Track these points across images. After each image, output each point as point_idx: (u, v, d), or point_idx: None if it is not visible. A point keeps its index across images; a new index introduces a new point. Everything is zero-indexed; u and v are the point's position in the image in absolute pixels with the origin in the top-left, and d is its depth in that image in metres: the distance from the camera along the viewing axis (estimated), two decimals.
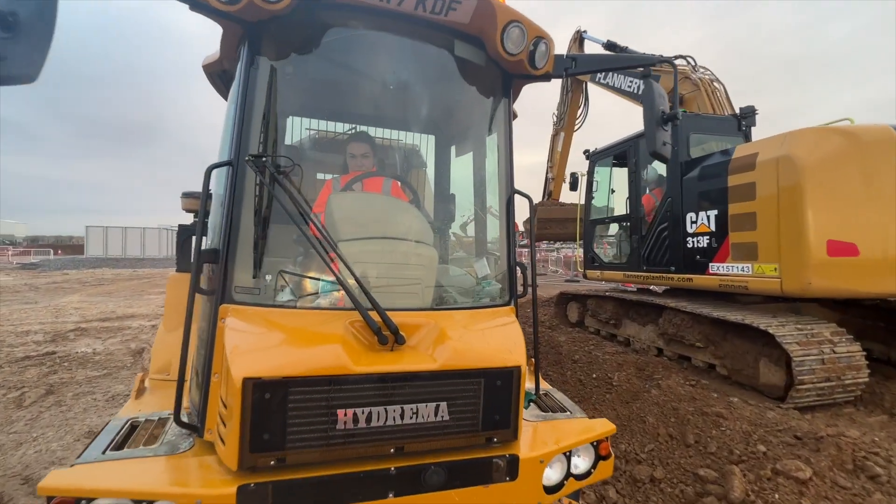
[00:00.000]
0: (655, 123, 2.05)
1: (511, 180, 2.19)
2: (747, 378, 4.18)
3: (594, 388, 4.50)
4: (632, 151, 6.05)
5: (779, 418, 3.34)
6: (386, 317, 1.57)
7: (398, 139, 3.00)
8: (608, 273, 6.64)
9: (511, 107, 2.23)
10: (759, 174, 4.21)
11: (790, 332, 3.75)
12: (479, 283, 2.09)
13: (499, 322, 1.92)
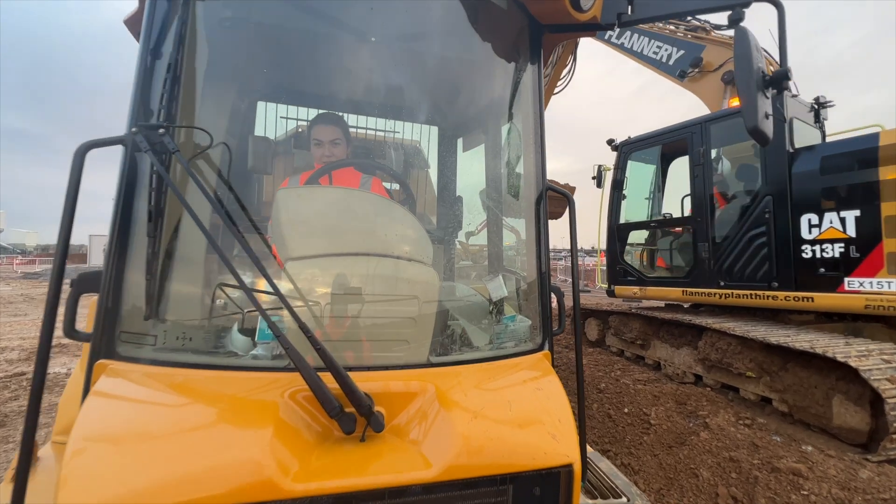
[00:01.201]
0: (756, 87, 1.41)
1: (543, 172, 1.56)
2: (815, 418, 3.46)
3: (627, 427, 3.80)
4: (697, 139, 4.89)
5: (877, 479, 2.63)
6: (351, 386, 0.94)
7: (389, 129, 2.38)
8: (654, 290, 5.27)
9: (541, 70, 1.61)
10: None
11: (876, 364, 3.05)
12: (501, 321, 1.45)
13: (531, 379, 1.28)
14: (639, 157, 5.86)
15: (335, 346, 1.07)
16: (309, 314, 1.07)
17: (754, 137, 1.44)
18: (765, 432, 3.47)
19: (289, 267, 1.12)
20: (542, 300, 1.49)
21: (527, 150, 1.59)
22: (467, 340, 1.34)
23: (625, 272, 5.64)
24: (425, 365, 1.17)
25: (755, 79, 1.43)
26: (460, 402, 1.08)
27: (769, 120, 1.45)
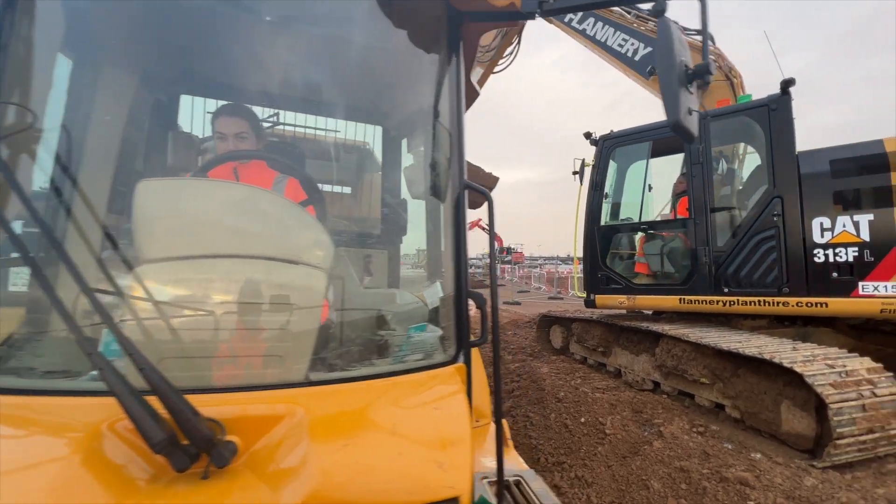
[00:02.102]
0: (677, 81, 1.34)
1: (461, 170, 1.44)
2: (765, 424, 3.46)
3: (583, 437, 3.71)
4: None
5: (821, 487, 2.60)
6: (183, 413, 0.78)
7: (330, 129, 2.22)
8: (644, 299, 4.80)
9: (461, 63, 1.50)
10: None
11: (820, 369, 3.07)
12: (406, 331, 1.31)
13: (430, 398, 1.14)
14: (628, 152, 5.33)
15: (181, 364, 0.90)
16: (148, 326, 0.90)
17: (677, 133, 1.36)
18: (717, 440, 3.44)
19: (135, 272, 0.95)
20: (458, 308, 1.36)
21: (443, 147, 1.46)
22: (363, 354, 1.19)
23: (608, 279, 5.07)
24: (301, 384, 1.01)
25: (678, 73, 1.35)
26: (333, 428, 0.93)
27: (693, 116, 1.38)
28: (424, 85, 1.55)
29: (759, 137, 4.36)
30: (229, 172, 1.56)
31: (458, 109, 1.47)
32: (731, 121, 4.55)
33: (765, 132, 4.26)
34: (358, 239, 1.93)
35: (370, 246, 1.93)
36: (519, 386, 5.14)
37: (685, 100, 1.37)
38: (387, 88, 1.68)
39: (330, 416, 0.97)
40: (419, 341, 1.28)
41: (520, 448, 3.95)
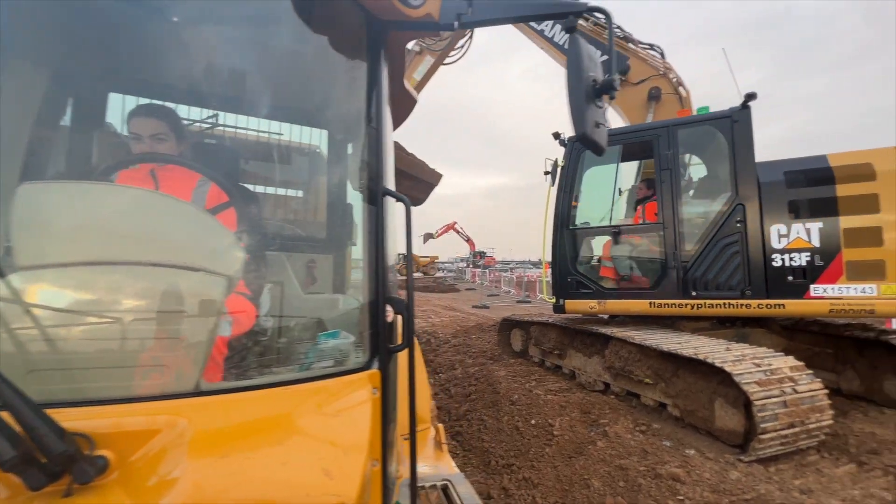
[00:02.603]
0: (585, 96, 1.40)
1: (379, 176, 1.44)
2: (702, 421, 3.63)
3: (533, 439, 3.78)
4: (663, 142, 4.69)
5: (744, 480, 2.76)
6: (37, 427, 0.74)
7: (274, 132, 2.18)
8: (615, 303, 4.77)
9: (383, 70, 1.51)
10: (882, 185, 3.88)
11: (747, 368, 3.25)
12: (316, 338, 1.30)
13: (333, 405, 1.13)
14: (592, 156, 5.19)
15: (53, 376, 0.86)
16: (18, 336, 0.85)
17: (585, 145, 1.43)
18: (657, 438, 3.58)
19: (4, 279, 0.90)
20: (374, 314, 1.36)
21: (362, 152, 1.47)
22: (265, 362, 1.17)
23: (578, 284, 4.94)
24: (189, 394, 0.98)
25: (585, 87, 1.42)
26: (217, 440, 0.91)
27: (601, 129, 1.45)
28: (346, 90, 1.55)
29: (723, 147, 4.55)
30: (146, 175, 1.50)
31: (378, 115, 1.48)
32: (697, 130, 4.73)
33: (727, 142, 4.48)
34: (299, 243, 1.90)
35: (313, 250, 1.91)
36: (476, 389, 5.18)
37: (592, 113, 1.43)
38: (311, 93, 1.67)
39: (217, 427, 0.94)
40: (328, 348, 1.27)
41: (473, 451, 3.99)
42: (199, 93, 1.58)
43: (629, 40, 5.89)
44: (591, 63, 1.46)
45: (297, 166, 1.93)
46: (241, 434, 0.96)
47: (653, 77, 5.78)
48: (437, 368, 6.56)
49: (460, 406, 4.89)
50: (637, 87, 5.77)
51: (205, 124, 1.68)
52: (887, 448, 3.33)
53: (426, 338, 8.91)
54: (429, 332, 9.76)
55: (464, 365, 6.34)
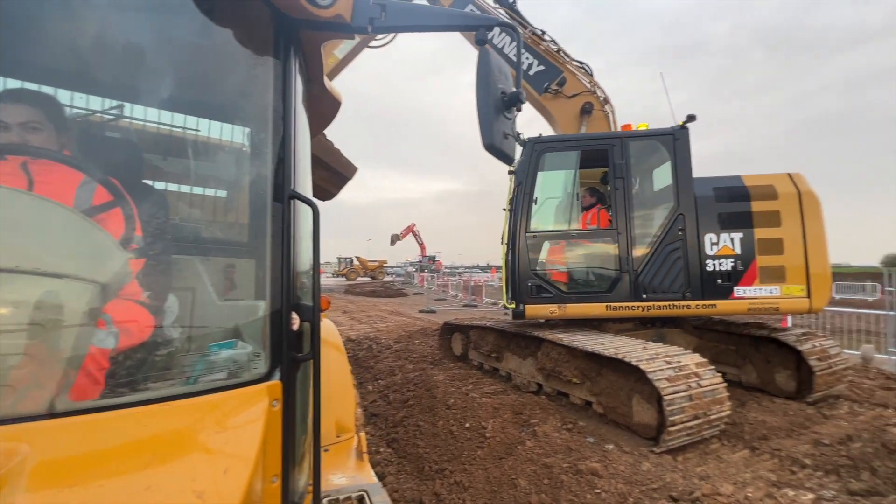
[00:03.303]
0: (493, 108, 1.44)
1: (287, 177, 1.39)
2: (622, 417, 3.87)
3: (466, 442, 3.82)
4: (617, 151, 4.89)
5: (654, 471, 2.97)
6: None
7: (190, 127, 2.02)
8: (575, 307, 4.77)
9: (292, 68, 1.46)
10: (782, 204, 4.63)
11: (660, 366, 3.52)
12: (207, 348, 1.22)
13: (217, 423, 1.06)
14: (551, 160, 5.28)
15: None
16: None
17: (493, 154, 1.47)
18: (581, 435, 3.76)
19: None
20: (276, 322, 1.30)
21: (269, 153, 1.41)
22: (151, 376, 1.08)
23: (539, 289, 4.88)
24: (42, 416, 0.88)
25: (493, 99, 1.46)
26: (68, 467, 0.82)
27: (509, 140, 1.51)
28: (251, 86, 1.48)
29: (667, 161, 4.96)
30: (15, 169, 1.33)
31: (288, 115, 1.43)
32: (645, 143, 5.06)
33: (670, 157, 4.89)
34: (207, 246, 1.77)
35: (217, 253, 1.78)
36: (414, 395, 5.15)
37: (500, 124, 1.48)
38: (214, 86, 1.58)
39: (72, 452, 0.85)
40: (220, 360, 1.19)
41: (407, 458, 3.95)
42: (85, 79, 1.44)
43: (563, 53, 6.17)
44: (501, 75, 1.51)
45: (202, 164, 1.80)
46: (102, 458, 0.87)
47: (584, 92, 6.12)
48: (377, 375, 6.45)
49: (397, 412, 4.84)
50: (571, 99, 6.06)
51: (94, 115, 1.53)
52: (775, 434, 3.75)
53: (368, 344, 8.75)
54: (372, 337, 9.58)
55: (404, 370, 6.29)
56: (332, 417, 2.35)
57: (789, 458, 3.29)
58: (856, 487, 2.74)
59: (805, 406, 4.42)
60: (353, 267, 49.96)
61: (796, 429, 3.84)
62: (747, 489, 2.70)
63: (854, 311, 9.68)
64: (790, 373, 4.74)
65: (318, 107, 2.19)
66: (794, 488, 2.84)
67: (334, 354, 2.69)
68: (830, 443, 3.41)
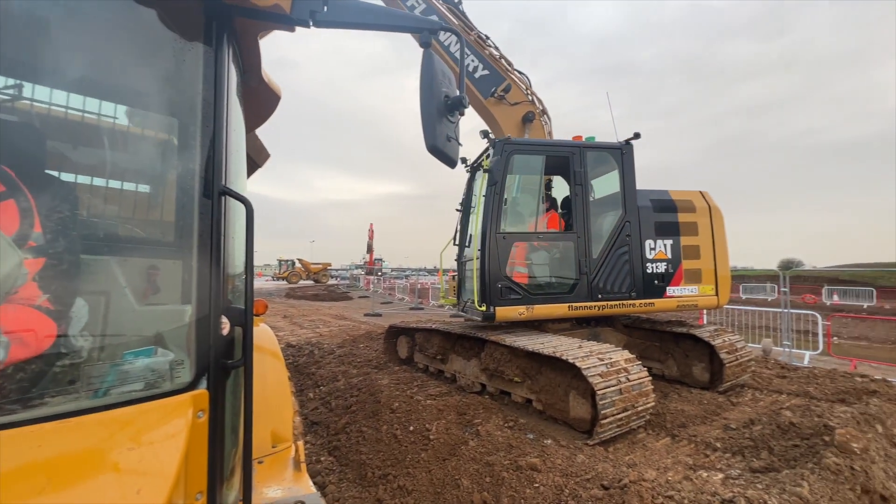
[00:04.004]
0: (436, 110, 1.46)
1: (218, 172, 1.31)
2: (559, 412, 4.06)
3: (410, 446, 3.79)
4: (576, 160, 5.12)
5: (587, 462, 3.14)
6: None
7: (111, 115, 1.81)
8: (542, 308, 4.80)
9: (225, 57, 1.38)
10: (699, 217, 5.45)
11: (593, 363, 3.73)
12: (121, 357, 1.11)
13: (135, 441, 0.96)
14: (519, 163, 5.30)
15: None
16: None
17: (436, 156, 1.49)
18: (522, 432, 3.89)
19: None
20: (202, 327, 1.21)
21: (198, 145, 1.31)
22: (51, 390, 0.96)
23: (509, 290, 4.77)
24: None
25: (437, 102, 1.48)
26: None
27: (452, 143, 1.53)
28: (177, 73, 1.37)
29: (615, 170, 5.40)
30: None
31: (220, 106, 1.35)
32: (599, 154, 5.40)
33: (619, 168, 5.33)
34: (131, 246, 1.60)
35: (139, 253, 1.62)
36: (358, 400, 5.03)
37: (444, 127, 1.50)
38: (143, 75, 1.44)
39: None
40: (136, 369, 1.09)
41: (350, 465, 3.85)
42: None
43: (505, 60, 6.35)
44: (444, 79, 1.53)
45: (122, 155, 1.63)
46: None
47: (525, 102, 6.36)
48: (319, 381, 6.22)
49: (340, 419, 4.70)
50: (514, 107, 6.26)
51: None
52: (692, 421, 4.12)
53: (310, 349, 8.42)
54: (314, 342, 9.24)
55: (347, 376, 6.13)
56: (268, 427, 2.23)
57: (703, 443, 3.63)
58: (757, 465, 3.08)
59: (717, 395, 4.91)
60: (294, 270, 47.88)
61: (709, 416, 4.26)
62: (668, 473, 2.94)
63: (756, 309, 10.92)
64: (704, 365, 5.25)
65: (256, 100, 2.09)
66: (707, 470, 3.14)
67: (271, 361, 2.56)
68: (737, 427, 3.82)
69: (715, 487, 2.67)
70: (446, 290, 6.60)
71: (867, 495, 2.59)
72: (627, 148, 5.37)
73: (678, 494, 2.54)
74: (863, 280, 26.45)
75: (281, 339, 10.22)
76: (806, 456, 2.99)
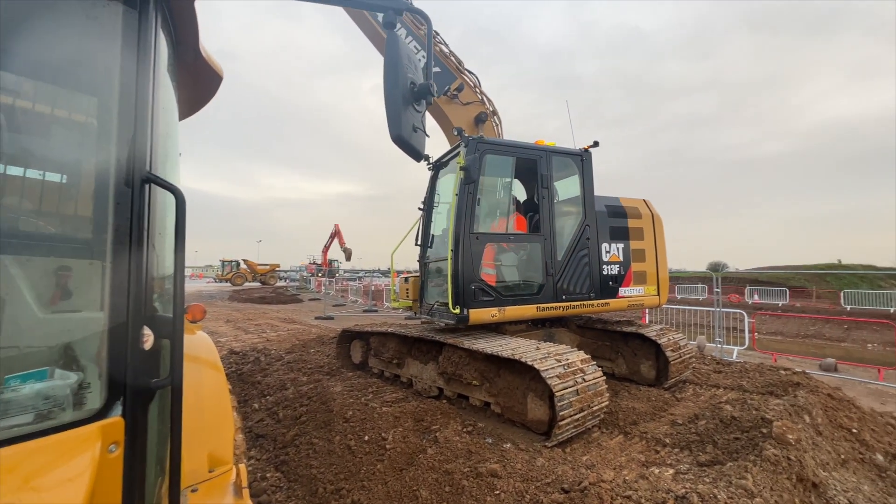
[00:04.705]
0: (402, 98, 1.33)
1: (140, 158, 1.10)
2: (518, 415, 4.04)
3: (365, 457, 3.60)
4: (543, 163, 5.16)
5: (547, 465, 3.12)
6: None
7: None
8: (513, 310, 4.73)
9: (150, 28, 1.17)
10: (644, 223, 5.90)
11: (551, 365, 3.75)
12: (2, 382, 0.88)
13: (19, 482, 0.75)
14: (491, 163, 5.11)
15: None
16: None
17: (401, 147, 1.36)
18: (481, 436, 3.83)
19: None
20: (116, 340, 1.00)
21: (113, 127, 1.10)
22: None
23: (482, 292, 4.63)
24: None
25: (402, 88, 1.36)
26: None
27: (418, 134, 1.41)
28: (99, 46, 1.14)
29: (575, 175, 5.58)
30: None
31: (142, 83, 1.14)
32: (564, 159, 5.48)
33: (579, 174, 5.50)
34: (42, 243, 1.32)
35: (57, 253, 1.35)
36: (308, 410, 4.74)
37: (410, 116, 1.37)
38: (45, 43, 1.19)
39: None
40: (23, 397, 0.87)
41: (299, 481, 3.58)
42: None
43: (454, 58, 6.28)
44: (410, 64, 1.41)
45: (21, 137, 1.35)
46: None
47: (476, 102, 6.34)
48: (266, 390, 5.82)
49: (288, 431, 4.39)
50: (466, 107, 6.22)
51: None
52: (642, 418, 4.26)
53: (255, 356, 7.89)
54: (260, 349, 8.68)
55: (296, 383, 5.78)
56: (205, 449, 1.98)
57: (654, 439, 3.76)
58: (703, 459, 3.22)
59: (663, 392, 5.14)
60: (239, 271, 45.28)
61: (657, 412, 4.43)
62: (624, 472, 2.99)
63: (690, 308, 11.71)
64: (651, 363, 5.49)
65: (193, 79, 1.85)
66: (658, 466, 3.24)
67: (209, 373, 2.29)
68: (683, 422, 3.99)
69: (668, 484, 2.74)
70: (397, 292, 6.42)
71: (801, 483, 2.78)
72: (587, 155, 5.57)
73: (636, 494, 2.57)
74: (777, 281, 29.42)
75: (223, 345, 9.52)
76: (747, 448, 3.17)
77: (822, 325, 18.72)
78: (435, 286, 5.45)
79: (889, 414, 5.08)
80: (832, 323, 18.29)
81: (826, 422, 3.92)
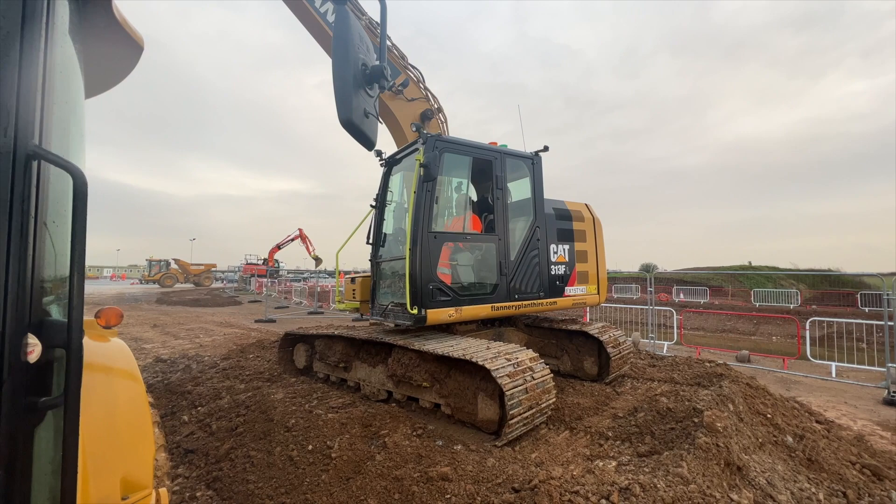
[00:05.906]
0: (352, 79, 1.22)
1: (26, 130, 0.91)
2: (468, 415, 4.01)
3: (308, 467, 3.39)
4: (498, 165, 5.17)
5: (497, 465, 3.11)
6: None
7: None
8: (469, 310, 4.68)
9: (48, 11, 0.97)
10: (586, 225, 6.17)
11: (501, 364, 3.76)
12: None
13: None
14: (448, 162, 4.99)
15: None
16: None
17: (350, 133, 1.25)
18: (431, 439, 3.75)
19: None
20: None
21: None
22: None
23: (439, 291, 4.51)
24: None
25: (353, 70, 1.25)
26: None
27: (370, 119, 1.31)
28: None
29: (527, 177, 5.66)
30: None
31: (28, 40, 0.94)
32: (517, 161, 5.52)
33: (530, 176, 5.58)
34: None
35: None
36: (245, 420, 4.40)
37: (361, 100, 1.27)
38: None
39: None
40: None
41: (234, 498, 3.30)
42: None
43: (399, 52, 6.15)
44: (362, 44, 1.30)
45: None
46: None
47: (421, 98, 6.25)
48: (197, 400, 5.34)
49: (223, 444, 4.04)
50: (411, 103, 6.12)
51: None
52: (586, 413, 4.42)
53: (185, 363, 7.26)
54: (191, 355, 8.01)
55: (233, 392, 5.36)
56: (117, 474, 1.72)
57: (597, 433, 3.90)
58: (643, 450, 3.38)
59: (604, 386, 5.38)
60: (169, 271, 41.77)
61: (600, 406, 4.62)
62: (571, 467, 3.06)
63: (626, 306, 12.47)
64: (594, 359, 5.73)
65: (106, 47, 1.61)
66: (602, 459, 3.35)
67: (124, 385, 2.01)
68: (623, 415, 4.18)
69: (612, 477, 2.83)
70: (343, 293, 6.18)
71: (728, 467, 2.99)
72: (537, 158, 5.72)
73: (583, 489, 2.62)
74: (699, 281, 32.30)
75: (147, 353, 8.66)
76: (681, 437, 3.37)
77: (736, 320, 20.82)
78: (388, 286, 5.29)
79: (793, 398, 5.69)
80: (744, 318, 20.41)
81: (746, 409, 4.29)
